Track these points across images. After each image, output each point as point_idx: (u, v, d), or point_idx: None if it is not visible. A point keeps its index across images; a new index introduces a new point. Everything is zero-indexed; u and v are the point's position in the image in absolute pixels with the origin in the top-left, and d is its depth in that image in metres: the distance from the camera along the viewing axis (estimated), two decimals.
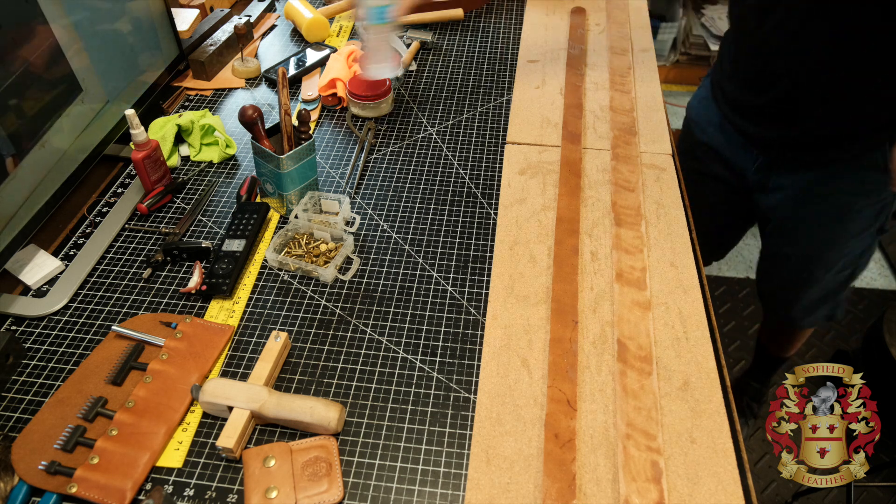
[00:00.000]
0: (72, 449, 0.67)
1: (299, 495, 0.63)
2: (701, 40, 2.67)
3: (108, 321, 0.81)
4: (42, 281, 0.85)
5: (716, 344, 0.77)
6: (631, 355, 0.74)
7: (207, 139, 1.06)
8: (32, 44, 0.84)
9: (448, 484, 0.65)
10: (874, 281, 2.07)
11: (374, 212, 0.96)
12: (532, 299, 0.81)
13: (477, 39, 1.35)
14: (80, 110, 0.94)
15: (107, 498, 0.63)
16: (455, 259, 0.89)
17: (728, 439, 0.68)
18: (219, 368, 0.76)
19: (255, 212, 0.91)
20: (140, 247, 0.90)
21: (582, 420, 0.69)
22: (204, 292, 0.82)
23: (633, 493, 0.63)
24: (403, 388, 0.74)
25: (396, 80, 1.19)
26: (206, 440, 0.69)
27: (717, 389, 0.72)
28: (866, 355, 1.70)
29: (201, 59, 1.19)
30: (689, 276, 0.84)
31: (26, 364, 0.76)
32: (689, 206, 0.96)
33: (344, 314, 0.82)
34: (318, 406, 0.67)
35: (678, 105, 2.67)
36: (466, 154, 1.06)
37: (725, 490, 0.64)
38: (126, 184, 1.00)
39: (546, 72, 1.22)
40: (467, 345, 0.78)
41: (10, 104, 0.81)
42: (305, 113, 0.91)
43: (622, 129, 1.07)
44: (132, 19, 1.05)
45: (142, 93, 1.09)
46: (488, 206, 0.97)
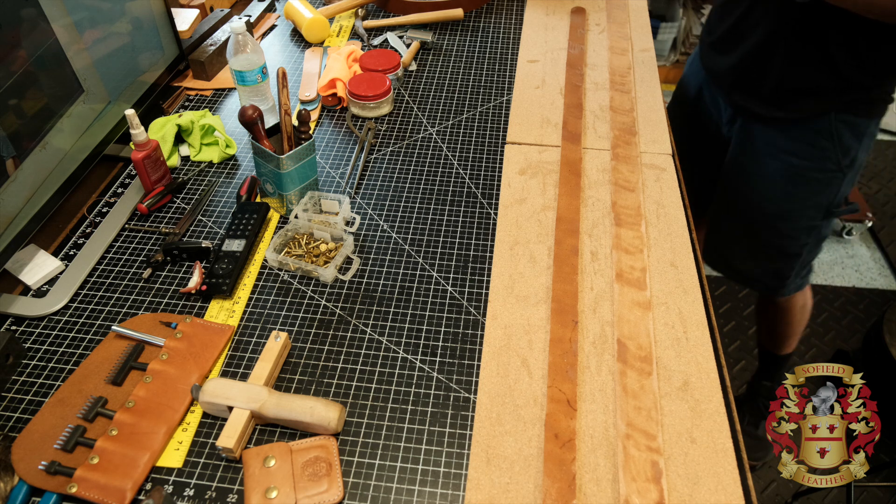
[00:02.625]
0: (72, 449, 0.67)
1: (299, 495, 0.63)
2: None
3: (108, 321, 0.81)
4: (42, 281, 0.85)
5: (716, 344, 0.77)
6: (631, 355, 0.74)
7: (207, 139, 1.06)
8: (33, 44, 0.84)
9: (448, 484, 0.65)
10: (874, 281, 2.07)
11: (374, 212, 0.96)
12: (532, 299, 0.82)
13: (477, 39, 1.35)
14: (81, 111, 0.94)
15: (107, 498, 0.63)
16: (455, 259, 0.89)
17: (728, 439, 0.68)
18: (219, 368, 0.76)
19: (255, 212, 0.91)
20: (140, 247, 0.90)
21: (582, 420, 0.69)
22: (204, 292, 0.82)
23: (633, 493, 0.63)
24: (403, 388, 0.74)
25: (396, 80, 1.19)
26: (206, 440, 0.69)
27: (717, 389, 0.72)
28: (866, 355, 1.70)
29: (201, 59, 1.19)
30: (689, 276, 0.84)
31: (26, 364, 0.76)
32: (688, 207, 0.96)
33: (344, 314, 0.82)
34: (318, 406, 0.67)
35: None
36: (466, 154, 1.06)
37: (725, 490, 0.64)
38: (126, 184, 1.00)
39: (546, 72, 1.22)
40: (467, 345, 0.78)
41: (10, 104, 0.81)
42: (305, 113, 0.91)
43: (622, 129, 1.07)
44: (132, 19, 1.05)
45: (142, 93, 1.09)
46: (488, 206, 0.97)
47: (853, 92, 1.04)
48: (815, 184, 1.15)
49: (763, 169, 1.18)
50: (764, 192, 1.20)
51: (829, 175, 1.13)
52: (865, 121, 1.09)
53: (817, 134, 1.10)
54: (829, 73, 1.03)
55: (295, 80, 1.21)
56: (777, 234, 1.24)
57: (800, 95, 1.09)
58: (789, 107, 1.11)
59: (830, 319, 1.94)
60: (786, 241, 1.24)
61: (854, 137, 1.10)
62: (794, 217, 1.20)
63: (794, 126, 1.13)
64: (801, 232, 1.22)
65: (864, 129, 1.10)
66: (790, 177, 1.16)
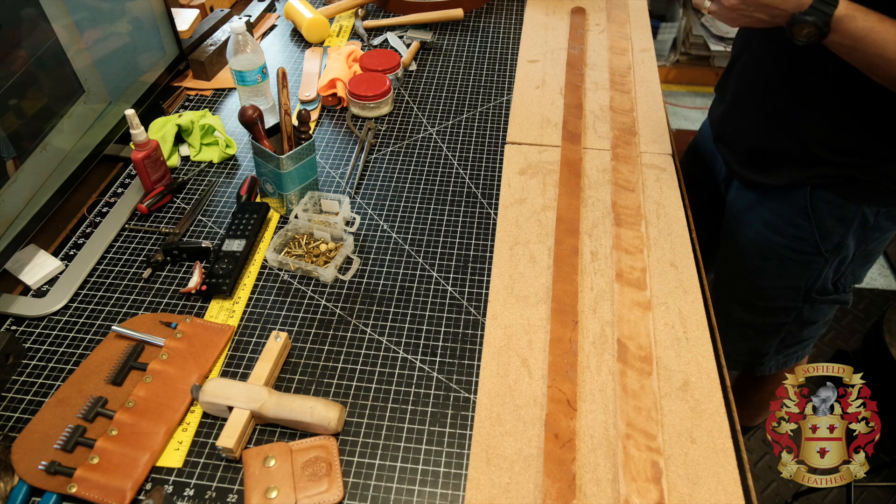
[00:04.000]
0: (72, 449, 0.67)
1: (299, 495, 0.63)
2: (701, 40, 2.67)
3: (108, 321, 0.81)
4: (42, 281, 0.85)
5: (716, 344, 0.77)
6: (631, 355, 0.74)
7: (207, 139, 1.06)
8: (33, 44, 0.84)
9: (448, 484, 0.65)
10: (874, 281, 2.07)
11: (374, 212, 0.96)
12: (532, 299, 0.81)
13: (477, 39, 1.35)
14: (82, 111, 0.94)
15: (107, 498, 0.63)
16: (455, 259, 0.89)
17: (728, 439, 0.68)
18: (219, 368, 0.76)
19: (255, 212, 0.91)
20: (140, 247, 0.90)
21: (582, 420, 0.69)
22: (204, 292, 0.82)
23: (633, 493, 0.63)
24: (403, 388, 0.74)
25: (396, 80, 1.19)
26: (206, 440, 0.69)
27: (717, 389, 0.72)
28: (866, 355, 1.70)
29: (201, 59, 1.19)
30: (689, 276, 0.84)
31: (26, 364, 0.76)
32: (688, 207, 0.96)
33: (344, 314, 0.82)
34: (318, 406, 0.67)
35: (678, 105, 2.67)
36: (466, 154, 1.06)
37: (725, 490, 0.64)
38: (126, 184, 1.00)
39: (546, 72, 1.22)
40: (467, 345, 0.78)
41: (10, 105, 0.81)
42: (305, 113, 0.91)
43: (622, 129, 1.07)
44: (132, 19, 1.05)
45: (142, 93, 1.09)
46: (488, 206, 0.97)
47: (823, 167, 0.92)
48: (792, 264, 1.01)
49: (742, 237, 1.07)
50: (740, 261, 1.09)
51: (808, 258, 0.99)
52: (854, 206, 0.93)
53: (792, 208, 0.97)
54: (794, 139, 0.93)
55: (295, 80, 1.21)
56: (751, 309, 1.11)
57: (770, 160, 0.98)
58: (765, 171, 0.99)
59: (830, 319, 1.94)
60: (761, 318, 1.11)
61: (839, 222, 0.95)
62: (767, 296, 1.08)
63: (771, 194, 1.00)
64: (779, 312, 1.09)
65: (852, 215, 0.93)
66: (764, 251, 1.03)
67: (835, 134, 0.89)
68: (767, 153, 0.98)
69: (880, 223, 0.95)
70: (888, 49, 0.74)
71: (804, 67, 0.89)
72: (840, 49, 0.78)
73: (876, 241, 0.99)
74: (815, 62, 0.86)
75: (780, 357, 1.18)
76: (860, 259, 1.01)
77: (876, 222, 0.95)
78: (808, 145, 0.92)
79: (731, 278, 1.13)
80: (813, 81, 0.88)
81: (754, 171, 1.01)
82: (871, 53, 0.75)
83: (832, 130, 0.89)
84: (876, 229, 0.96)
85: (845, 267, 1.01)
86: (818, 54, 0.81)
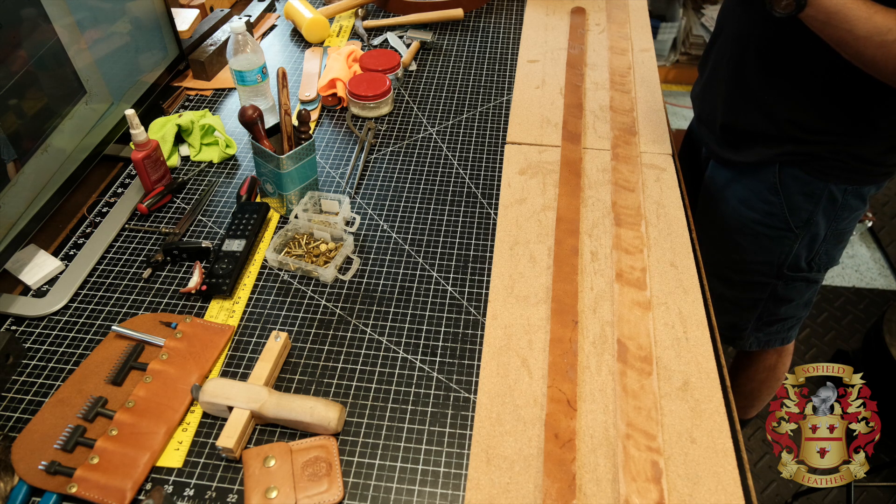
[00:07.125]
0: (72, 449, 0.67)
1: (299, 495, 0.63)
2: (701, 40, 2.67)
3: (108, 321, 0.81)
4: (42, 281, 0.85)
5: (716, 344, 0.77)
6: (631, 355, 0.74)
7: (207, 139, 1.06)
8: (34, 44, 0.84)
9: (448, 484, 0.65)
10: (874, 281, 2.07)
11: (374, 212, 0.96)
12: (532, 299, 0.82)
13: (477, 39, 1.35)
14: (83, 112, 0.94)
15: (107, 498, 0.63)
16: (455, 259, 0.89)
17: (728, 439, 0.68)
18: (219, 368, 0.76)
19: (255, 212, 0.91)
20: (140, 247, 0.90)
21: (582, 420, 0.69)
22: (204, 292, 0.82)
23: (633, 493, 0.63)
24: (403, 388, 0.74)
25: (396, 79, 1.19)
26: (206, 440, 0.69)
27: (717, 389, 0.72)
28: (866, 355, 1.70)
29: (201, 59, 1.19)
30: (689, 276, 0.84)
31: (26, 364, 0.76)
32: (688, 206, 0.96)
33: (344, 314, 0.82)
34: (318, 406, 0.67)
35: (678, 105, 2.67)
36: (466, 154, 1.06)
37: (725, 490, 0.64)
38: (126, 184, 1.00)
39: (546, 72, 1.22)
40: (467, 345, 0.78)
41: (10, 105, 0.80)
42: (305, 113, 0.91)
43: (622, 129, 1.07)
44: (133, 19, 1.05)
45: (142, 93, 1.09)
46: (488, 206, 0.97)
47: (792, 144, 0.96)
48: (765, 239, 1.06)
49: (719, 213, 1.12)
50: (716, 236, 1.13)
51: (779, 233, 1.04)
52: (821, 183, 0.97)
53: (762, 184, 1.02)
54: (765, 116, 0.97)
55: (295, 80, 1.21)
56: (728, 283, 1.16)
57: (741, 137, 1.02)
58: (737, 149, 1.04)
59: (830, 319, 1.94)
60: (737, 292, 1.16)
61: (807, 198, 0.99)
62: (743, 270, 1.12)
63: (744, 172, 1.05)
64: (754, 287, 1.13)
65: (819, 192, 0.98)
66: (738, 226, 1.08)
67: (804, 112, 0.93)
68: (739, 130, 1.02)
69: (848, 201, 0.99)
70: (857, 26, 0.76)
71: (778, 45, 0.92)
72: (814, 23, 0.79)
73: (846, 220, 1.03)
74: (789, 40, 0.89)
75: (760, 335, 1.22)
76: (833, 238, 1.05)
77: (844, 200, 0.99)
78: (778, 123, 0.96)
79: (710, 252, 1.15)
80: (786, 59, 0.92)
81: (729, 149, 1.06)
82: (842, 29, 0.77)
83: (802, 108, 0.93)
84: (845, 208, 1.00)
85: (818, 246, 1.05)
86: (792, 32, 0.84)
